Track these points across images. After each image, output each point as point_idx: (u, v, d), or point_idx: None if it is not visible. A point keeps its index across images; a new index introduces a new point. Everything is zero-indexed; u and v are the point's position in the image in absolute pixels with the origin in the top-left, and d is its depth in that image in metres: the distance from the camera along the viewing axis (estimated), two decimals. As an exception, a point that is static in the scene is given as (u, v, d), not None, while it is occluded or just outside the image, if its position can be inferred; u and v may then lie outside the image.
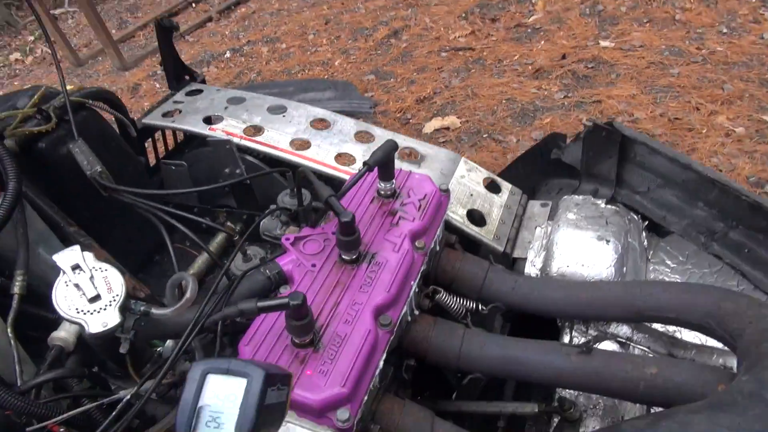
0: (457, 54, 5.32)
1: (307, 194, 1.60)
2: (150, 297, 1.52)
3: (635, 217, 1.77)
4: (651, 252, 1.80)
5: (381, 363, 1.18)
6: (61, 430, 1.12)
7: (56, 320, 1.47)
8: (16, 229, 1.30)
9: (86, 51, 8.08)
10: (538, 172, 2.00)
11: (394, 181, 1.43)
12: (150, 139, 2.16)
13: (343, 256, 1.28)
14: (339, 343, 1.12)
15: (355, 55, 5.85)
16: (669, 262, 1.80)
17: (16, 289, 1.26)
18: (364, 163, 1.32)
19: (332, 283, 1.24)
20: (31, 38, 9.02)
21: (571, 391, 1.49)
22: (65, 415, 1.13)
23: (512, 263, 1.73)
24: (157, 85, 6.21)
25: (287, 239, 1.33)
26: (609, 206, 1.72)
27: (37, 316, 1.46)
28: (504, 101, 4.46)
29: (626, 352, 1.45)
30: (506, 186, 1.86)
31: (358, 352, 1.11)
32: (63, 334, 1.34)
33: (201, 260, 1.88)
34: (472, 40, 5.49)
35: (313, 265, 1.27)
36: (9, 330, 1.23)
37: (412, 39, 5.82)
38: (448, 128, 4.35)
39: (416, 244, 1.35)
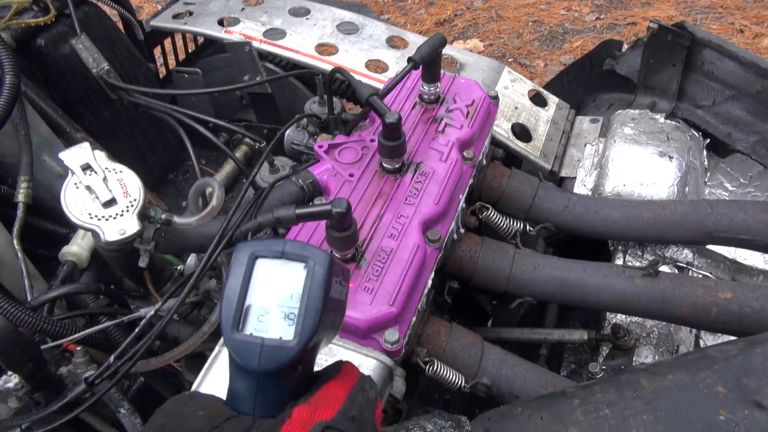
0: (480, -27, 4.96)
1: (336, 102, 1.44)
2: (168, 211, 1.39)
3: (696, 134, 1.60)
4: (708, 174, 1.65)
5: (429, 282, 1.06)
6: (77, 349, 1.02)
7: (67, 236, 1.35)
8: (17, 131, 1.15)
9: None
10: (586, 86, 1.82)
11: (439, 84, 1.26)
12: (159, 49, 1.97)
13: (385, 165, 1.13)
14: (385, 258, 1.00)
15: (369, -26, 5.48)
16: (728, 185, 1.65)
17: (21, 197, 1.13)
18: (410, 59, 1.16)
19: (374, 193, 1.10)
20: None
21: (623, 318, 1.39)
22: (82, 333, 1.03)
23: (559, 183, 1.59)
24: (160, 8, 5.90)
25: (320, 146, 1.18)
26: (669, 121, 1.56)
27: (46, 231, 1.35)
28: (530, 23, 4.18)
29: (696, 276, 1.32)
30: (553, 99, 1.68)
31: (407, 269, 0.98)
32: (75, 249, 1.22)
33: (220, 177, 1.74)
34: (496, -43, 5.11)
35: (351, 175, 1.13)
36: (15, 242, 1.11)
37: (430, -43, 5.44)
38: (470, 51, 4.09)
39: (464, 154, 1.20)
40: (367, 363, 0.90)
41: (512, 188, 1.36)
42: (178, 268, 1.30)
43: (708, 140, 1.61)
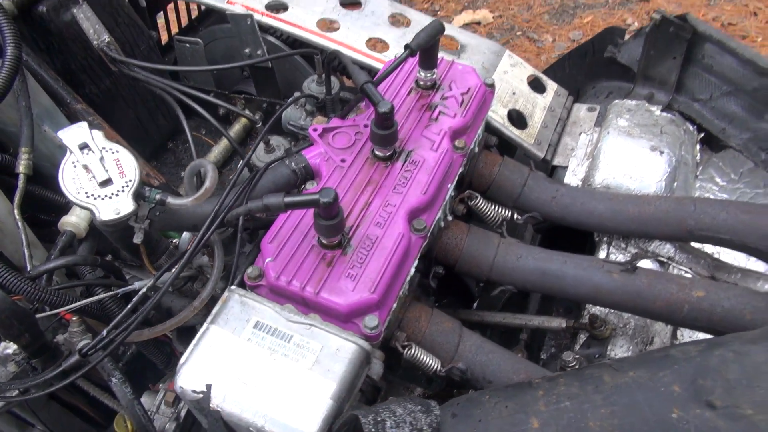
0: (495, -61, 4.84)
1: (335, 82, 1.45)
2: (165, 186, 1.43)
3: (691, 127, 1.61)
4: (700, 168, 1.67)
5: (412, 270, 1.10)
6: (73, 318, 1.07)
7: (66, 204, 1.39)
8: (19, 102, 1.18)
9: None
10: (586, 73, 1.82)
11: (435, 70, 1.27)
12: (161, 14, 1.96)
13: (377, 152, 1.16)
14: (369, 246, 1.03)
15: (382, -66, 5.33)
16: (718, 180, 1.67)
17: (22, 168, 1.16)
18: (407, 46, 1.17)
19: (363, 180, 1.13)
20: None
21: (601, 309, 1.43)
22: (78, 303, 1.08)
23: (551, 171, 1.61)
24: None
25: (315, 130, 1.20)
26: (665, 114, 1.57)
27: (46, 198, 1.38)
28: (543, -5, 4.10)
29: (672, 273, 1.36)
30: (551, 85, 1.69)
31: (390, 258, 1.02)
32: (74, 219, 1.26)
33: (218, 150, 1.77)
34: None
35: (343, 160, 1.16)
36: (16, 212, 1.15)
37: None
38: (479, 23, 4.04)
39: (456, 143, 1.23)
40: (346, 346, 0.95)
41: (502, 176, 1.38)
42: (174, 241, 1.34)
43: (702, 134, 1.62)
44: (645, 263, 1.45)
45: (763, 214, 1.23)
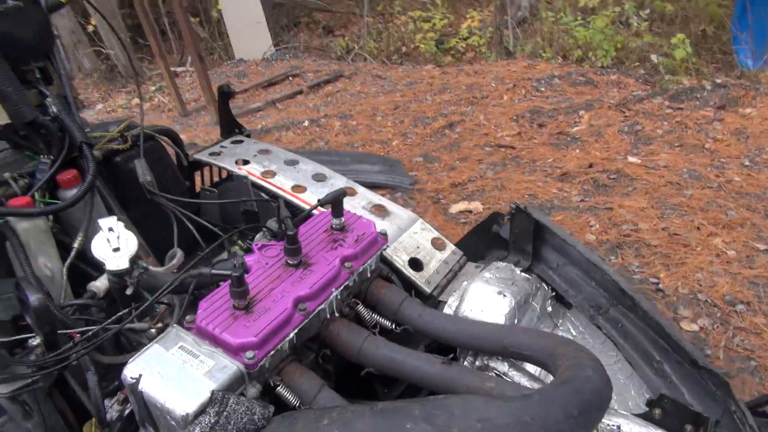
0: (499, 150, 5.88)
1: (288, 221, 2.17)
2: (162, 274, 2.10)
3: (545, 287, 2.18)
4: (561, 320, 2.20)
5: (292, 335, 1.67)
6: (78, 336, 1.69)
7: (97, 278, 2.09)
8: (86, 207, 1.94)
9: (194, 104, 9.41)
10: (485, 243, 2.47)
11: (342, 218, 1.97)
12: (199, 172, 2.84)
13: (288, 261, 1.81)
14: (263, 312, 1.64)
15: (412, 138, 6.55)
16: (573, 331, 2.19)
17: (76, 244, 1.88)
18: (319, 200, 1.88)
19: (275, 276, 1.77)
20: (153, 89, 10.57)
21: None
22: (82, 329, 1.71)
23: (437, 304, 2.19)
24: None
25: (256, 245, 1.89)
26: (522, 274, 2.16)
27: (84, 272, 2.09)
28: (526, 196, 4.93)
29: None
30: (450, 247, 2.34)
31: (273, 320, 1.62)
32: (98, 284, 1.94)
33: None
34: (516, 140, 6.05)
35: (267, 263, 1.82)
36: (64, 270, 1.85)
37: (464, 132, 6.47)
38: (471, 212, 4.85)
39: (345, 264, 1.86)
40: (230, 366, 1.51)
41: (386, 297, 1.98)
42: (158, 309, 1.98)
43: (554, 293, 2.18)
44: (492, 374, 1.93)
45: (549, 339, 1.75)
